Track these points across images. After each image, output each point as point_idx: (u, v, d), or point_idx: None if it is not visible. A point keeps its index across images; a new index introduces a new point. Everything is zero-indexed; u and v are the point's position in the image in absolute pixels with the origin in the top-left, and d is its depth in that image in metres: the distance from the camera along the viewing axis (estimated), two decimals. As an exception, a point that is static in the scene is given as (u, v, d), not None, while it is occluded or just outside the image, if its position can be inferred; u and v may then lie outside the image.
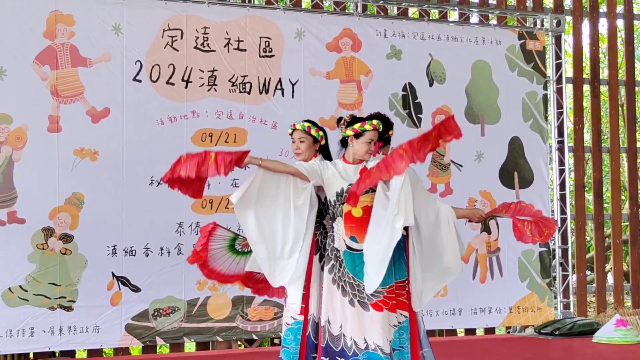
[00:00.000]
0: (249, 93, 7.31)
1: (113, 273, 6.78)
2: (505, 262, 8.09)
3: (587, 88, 9.44)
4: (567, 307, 8.48)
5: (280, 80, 7.42)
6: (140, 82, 6.97)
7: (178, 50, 7.11)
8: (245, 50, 7.33)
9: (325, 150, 4.96)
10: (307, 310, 4.73)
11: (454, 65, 8.06)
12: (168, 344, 7.29)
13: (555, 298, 8.40)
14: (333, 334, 4.58)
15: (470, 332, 8.36)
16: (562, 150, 8.66)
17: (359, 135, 4.67)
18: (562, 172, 8.60)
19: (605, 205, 9.22)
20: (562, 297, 8.44)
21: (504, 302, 8.07)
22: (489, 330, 8.36)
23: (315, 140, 4.90)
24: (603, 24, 10.02)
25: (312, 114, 6.61)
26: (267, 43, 7.41)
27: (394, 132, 5.06)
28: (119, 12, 6.93)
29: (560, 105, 8.64)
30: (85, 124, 6.78)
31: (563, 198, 8.59)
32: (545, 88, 8.49)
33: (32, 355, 6.75)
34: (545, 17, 8.63)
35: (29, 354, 6.74)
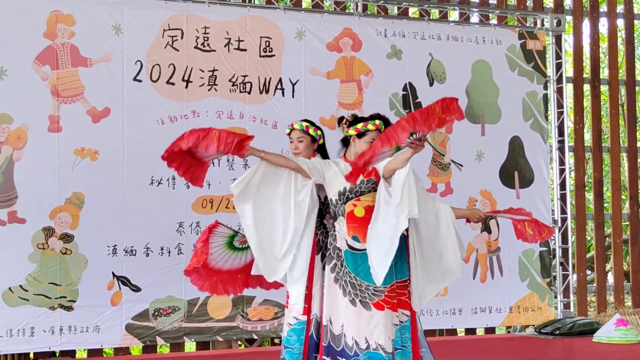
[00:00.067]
0: (250, 93, 7.31)
1: (113, 273, 6.78)
2: (506, 261, 8.09)
3: (587, 88, 9.44)
4: (567, 306, 8.47)
5: (281, 80, 7.42)
6: (141, 82, 6.98)
7: (178, 50, 7.11)
8: (246, 50, 7.33)
9: (323, 150, 4.96)
10: (309, 310, 4.72)
11: (454, 65, 8.06)
12: (168, 344, 7.29)
13: (556, 298, 8.39)
14: (334, 334, 4.58)
15: (471, 331, 8.36)
16: (562, 150, 8.66)
17: (362, 135, 4.66)
18: (562, 171, 8.60)
19: (606, 205, 9.22)
20: (562, 296, 8.44)
21: (504, 301, 8.07)
22: (489, 330, 8.36)
23: (314, 140, 4.89)
24: (603, 24, 10.03)
25: (312, 114, 6.60)
26: (267, 43, 7.41)
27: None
28: (119, 12, 6.93)
29: (561, 105, 8.64)
30: (86, 124, 6.78)
31: (563, 198, 8.59)
32: (546, 88, 8.48)
33: (32, 355, 6.75)
34: (546, 16, 8.63)
35: (30, 354, 6.74)
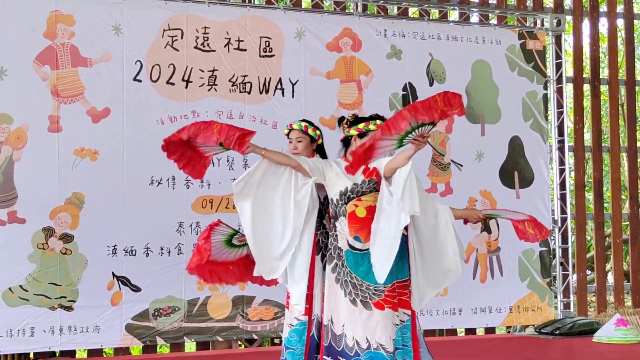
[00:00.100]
0: (249, 93, 7.31)
1: (113, 273, 6.78)
2: (506, 261, 8.09)
3: (587, 88, 9.44)
4: (567, 306, 8.47)
5: (281, 80, 7.42)
6: (141, 82, 6.98)
7: (178, 50, 7.11)
8: (246, 50, 7.33)
9: (322, 150, 4.95)
10: (311, 311, 4.71)
11: (454, 65, 8.06)
12: (168, 344, 7.29)
13: (556, 297, 8.39)
14: (336, 333, 4.57)
15: (471, 331, 8.36)
16: (562, 150, 8.66)
17: (363, 135, 4.65)
18: (562, 171, 8.60)
19: (606, 205, 9.22)
20: (562, 296, 8.44)
21: (504, 301, 8.07)
22: (489, 330, 8.37)
23: (313, 140, 4.88)
24: (603, 24, 10.03)
25: (312, 114, 6.60)
26: (267, 43, 7.41)
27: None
28: (119, 12, 6.93)
29: (561, 105, 8.64)
30: (86, 124, 6.78)
31: (563, 197, 8.58)
32: (546, 88, 8.48)
33: (32, 355, 6.75)
34: (546, 16, 8.63)
35: (30, 354, 6.74)
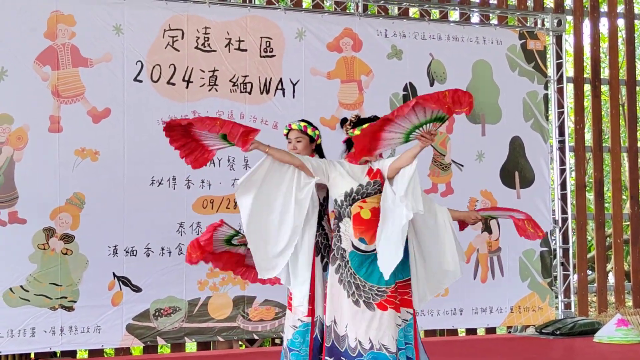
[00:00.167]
0: (250, 93, 7.31)
1: (114, 273, 6.78)
2: (506, 261, 8.09)
3: (587, 88, 9.44)
4: (568, 306, 8.47)
5: (281, 80, 7.42)
6: (141, 82, 6.97)
7: (179, 51, 7.11)
8: (246, 50, 7.33)
9: (320, 150, 4.95)
10: (313, 312, 4.70)
11: (455, 65, 8.06)
12: (169, 344, 7.29)
13: (556, 298, 8.39)
14: (339, 334, 4.57)
15: (472, 332, 8.36)
16: (563, 150, 8.66)
17: None
18: (563, 171, 8.60)
19: (606, 205, 9.23)
20: (563, 296, 8.44)
21: (505, 301, 8.07)
22: (490, 330, 8.36)
23: (312, 140, 4.88)
24: (604, 24, 10.03)
25: (312, 114, 6.61)
26: (267, 43, 7.41)
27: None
28: (120, 12, 6.93)
29: (561, 105, 8.64)
30: (86, 124, 6.78)
31: (564, 198, 8.58)
32: (546, 88, 8.48)
33: (33, 356, 6.75)
34: (546, 16, 8.63)
35: (30, 354, 6.74)
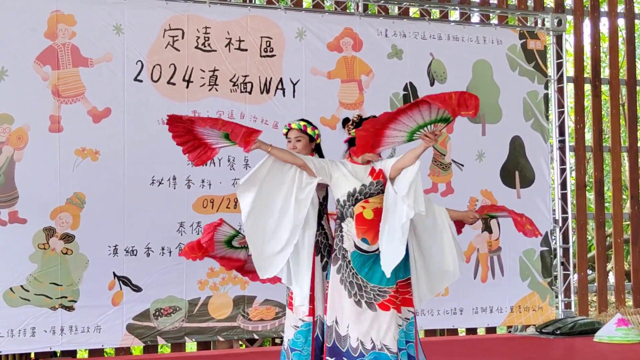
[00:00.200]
0: (250, 93, 7.31)
1: (114, 273, 6.78)
2: (507, 261, 8.09)
3: (588, 87, 9.44)
4: (568, 306, 8.47)
5: (282, 80, 7.42)
6: (142, 82, 6.97)
7: (179, 50, 7.11)
8: (246, 50, 7.33)
9: (320, 149, 4.95)
10: (314, 311, 4.72)
11: (455, 65, 8.06)
12: (169, 344, 7.29)
13: (557, 297, 8.39)
14: (340, 334, 4.58)
15: (472, 331, 8.36)
16: (563, 150, 8.65)
17: None
18: (563, 171, 8.60)
19: (607, 205, 9.23)
20: (563, 296, 8.44)
21: (505, 301, 8.07)
22: (490, 330, 8.37)
23: (312, 139, 4.88)
24: (604, 23, 10.02)
25: (313, 114, 6.61)
26: (268, 43, 7.40)
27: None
28: (120, 12, 6.93)
29: (561, 105, 8.64)
30: (87, 124, 6.78)
31: (564, 197, 8.58)
32: (546, 87, 8.48)
33: (33, 355, 6.75)
34: (546, 16, 8.63)
35: (31, 354, 6.75)
